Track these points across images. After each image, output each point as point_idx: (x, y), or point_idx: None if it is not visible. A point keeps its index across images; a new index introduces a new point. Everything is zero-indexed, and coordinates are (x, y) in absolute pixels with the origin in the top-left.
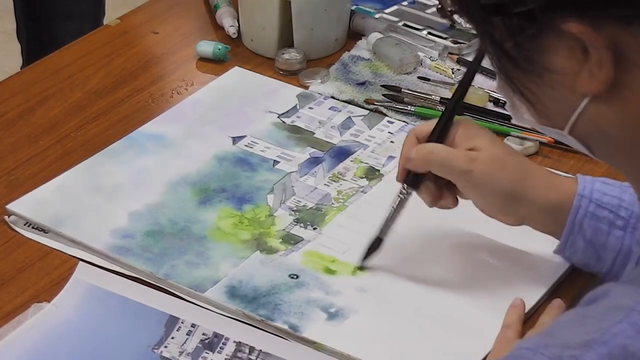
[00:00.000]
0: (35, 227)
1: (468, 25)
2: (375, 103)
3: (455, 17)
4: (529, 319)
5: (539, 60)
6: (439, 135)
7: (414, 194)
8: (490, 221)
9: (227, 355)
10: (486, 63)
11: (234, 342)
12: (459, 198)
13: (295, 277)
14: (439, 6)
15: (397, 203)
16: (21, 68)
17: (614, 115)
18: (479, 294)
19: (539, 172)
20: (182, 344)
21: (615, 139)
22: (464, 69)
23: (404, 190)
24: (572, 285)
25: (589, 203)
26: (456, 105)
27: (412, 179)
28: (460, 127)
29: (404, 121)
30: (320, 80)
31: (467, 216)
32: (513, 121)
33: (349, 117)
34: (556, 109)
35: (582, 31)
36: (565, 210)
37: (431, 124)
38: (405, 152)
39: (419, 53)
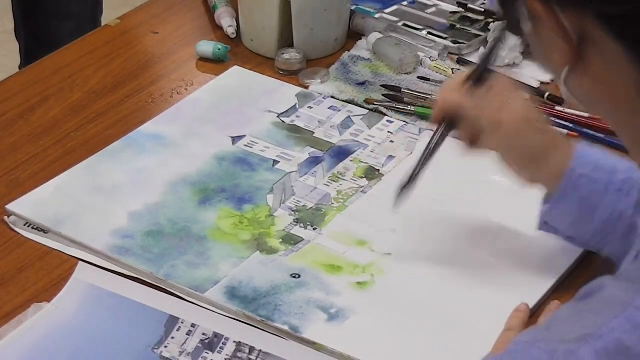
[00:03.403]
0: (35, 227)
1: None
2: (375, 103)
3: None
4: (530, 319)
5: (534, 31)
6: (477, 81)
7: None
8: (491, 221)
9: (227, 355)
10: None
11: (234, 342)
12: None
13: (297, 276)
14: None
15: (434, 142)
16: (19, 67)
17: (589, 85)
18: (480, 294)
19: (561, 139)
20: (182, 344)
21: (597, 105)
22: (464, 69)
23: (441, 130)
24: (573, 285)
25: (586, 164)
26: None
27: (450, 121)
28: (497, 81)
29: (404, 121)
30: (320, 80)
31: (467, 216)
32: None
33: (349, 117)
34: (552, 69)
35: (543, 12)
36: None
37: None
38: (443, 97)
39: (419, 53)
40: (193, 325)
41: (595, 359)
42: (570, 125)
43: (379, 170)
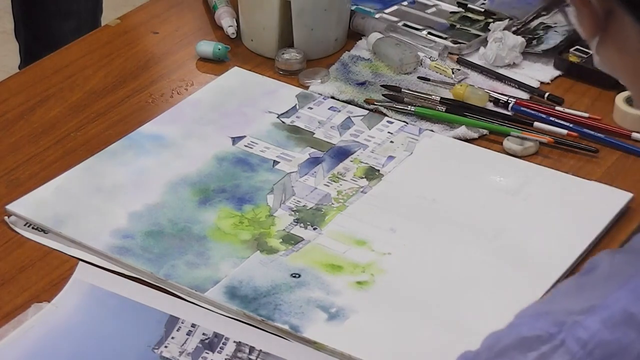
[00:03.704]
0: (35, 227)
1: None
2: (375, 103)
3: None
4: None
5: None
6: None
7: None
8: (491, 221)
9: (227, 355)
10: (485, 63)
11: (234, 342)
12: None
13: (297, 276)
14: None
15: None
16: (19, 67)
17: (615, 57)
18: (480, 294)
19: None
20: (182, 344)
21: (623, 76)
22: (464, 69)
23: None
24: None
25: None
26: None
27: None
28: None
29: (404, 121)
30: (320, 80)
31: (467, 216)
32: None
33: (349, 117)
34: (586, 39)
35: None
36: None
37: None
38: None
39: (419, 53)
40: (193, 325)
41: (602, 327)
42: (570, 125)
43: (379, 170)
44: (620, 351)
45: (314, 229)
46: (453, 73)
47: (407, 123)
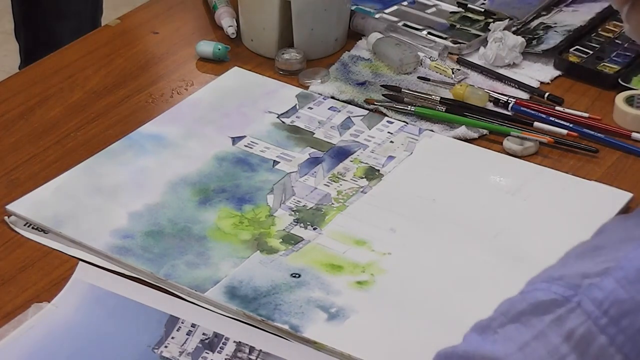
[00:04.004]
0: (35, 227)
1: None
2: (375, 103)
3: None
4: None
5: None
6: None
7: None
8: (491, 221)
9: (227, 355)
10: (485, 63)
11: (234, 342)
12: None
13: (297, 276)
14: None
15: None
16: (19, 67)
17: None
18: (480, 294)
19: None
20: (182, 344)
21: None
22: (464, 69)
23: None
24: None
25: None
26: None
27: None
28: None
29: (404, 121)
30: (320, 80)
31: (467, 216)
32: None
33: (349, 117)
34: (617, 7)
35: None
36: None
37: None
38: None
39: (419, 53)
40: (193, 325)
41: (617, 286)
42: (570, 125)
43: (379, 170)
44: (635, 307)
45: (314, 229)
46: (453, 73)
47: (407, 123)
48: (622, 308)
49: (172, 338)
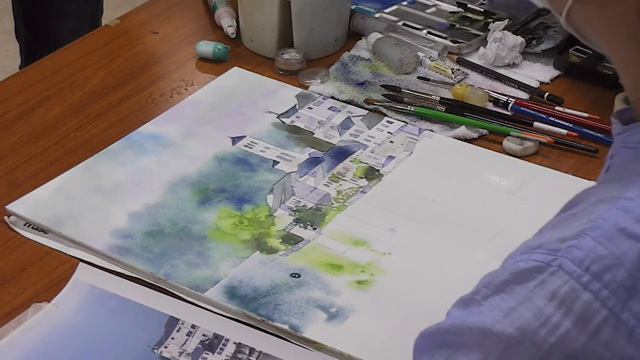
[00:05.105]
0: (35, 227)
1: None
2: (375, 103)
3: None
4: None
5: None
6: None
7: None
8: (490, 221)
9: (227, 356)
10: (485, 63)
11: (234, 343)
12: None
13: (296, 275)
14: None
15: None
16: (20, 67)
17: (593, 15)
18: None
19: None
20: (182, 345)
21: (599, 36)
22: (463, 69)
23: None
24: None
25: None
26: None
27: None
28: None
29: (404, 121)
30: (320, 80)
31: (467, 216)
32: None
33: (348, 117)
34: (554, 2)
35: None
36: None
37: None
38: None
39: (418, 53)
40: (193, 326)
41: (596, 244)
42: (570, 125)
43: (378, 170)
44: (615, 262)
45: (314, 228)
46: (453, 73)
47: (406, 123)
48: (603, 263)
49: (172, 338)
